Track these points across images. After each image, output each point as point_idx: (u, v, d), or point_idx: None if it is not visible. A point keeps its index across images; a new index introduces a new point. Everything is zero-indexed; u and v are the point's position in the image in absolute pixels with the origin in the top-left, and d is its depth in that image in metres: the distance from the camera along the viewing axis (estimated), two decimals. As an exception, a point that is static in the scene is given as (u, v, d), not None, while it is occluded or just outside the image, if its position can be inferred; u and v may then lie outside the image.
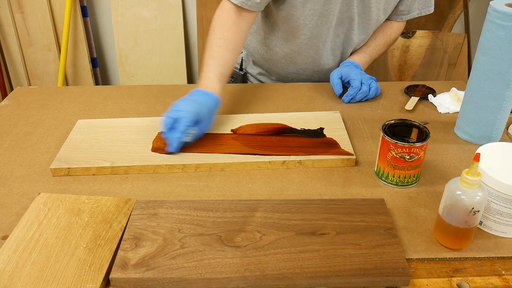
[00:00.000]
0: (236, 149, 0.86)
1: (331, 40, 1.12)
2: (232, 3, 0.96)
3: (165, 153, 0.85)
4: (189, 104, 0.85)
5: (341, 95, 1.08)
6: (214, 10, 1.01)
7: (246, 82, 1.31)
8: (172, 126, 0.83)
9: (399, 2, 1.12)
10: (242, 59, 1.27)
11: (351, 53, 1.19)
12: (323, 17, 1.05)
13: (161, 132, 0.87)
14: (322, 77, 1.22)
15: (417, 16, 1.16)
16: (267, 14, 1.12)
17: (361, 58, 1.16)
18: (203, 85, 0.91)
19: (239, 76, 1.27)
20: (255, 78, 1.29)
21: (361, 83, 1.04)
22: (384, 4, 1.08)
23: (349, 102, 1.06)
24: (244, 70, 1.28)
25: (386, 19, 1.17)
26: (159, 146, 0.86)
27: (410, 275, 0.60)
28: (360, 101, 1.07)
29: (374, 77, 1.09)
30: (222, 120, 0.96)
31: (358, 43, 1.16)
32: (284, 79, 1.24)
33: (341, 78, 1.08)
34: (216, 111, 0.91)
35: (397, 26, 1.20)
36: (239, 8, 0.97)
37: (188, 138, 0.84)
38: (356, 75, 1.05)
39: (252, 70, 1.27)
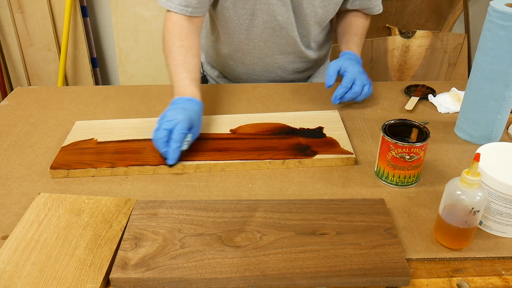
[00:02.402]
0: (235, 155, 0.85)
1: (274, 40, 1.11)
2: (177, 13, 0.98)
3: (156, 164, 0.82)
4: (178, 112, 0.83)
5: (330, 88, 1.02)
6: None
7: (207, 83, 1.33)
8: (168, 138, 0.81)
9: None
10: (201, 62, 1.28)
11: (349, 41, 1.14)
12: (255, 17, 1.06)
13: (157, 147, 0.83)
14: (276, 77, 1.21)
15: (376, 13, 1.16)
16: (210, 17, 1.15)
17: (356, 49, 1.11)
18: (181, 93, 0.90)
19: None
20: (214, 80, 1.31)
21: (353, 84, 0.99)
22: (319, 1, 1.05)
23: (339, 103, 1.01)
24: (203, 73, 1.29)
25: (354, 10, 1.16)
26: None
27: (410, 275, 0.60)
28: (350, 101, 1.02)
29: (370, 81, 1.03)
30: (222, 120, 0.96)
31: (310, 39, 1.14)
32: (238, 80, 1.25)
33: (339, 71, 1.02)
34: (201, 114, 0.90)
35: (361, 15, 1.18)
36: (187, 16, 0.98)
37: (185, 146, 0.83)
38: (352, 73, 0.99)
39: (211, 72, 1.29)
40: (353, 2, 1.13)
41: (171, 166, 0.82)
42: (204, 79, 1.30)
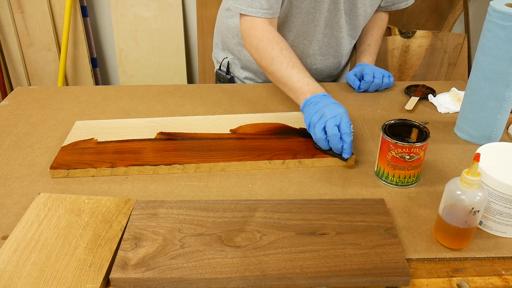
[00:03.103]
0: (236, 155, 0.85)
1: (319, 39, 1.12)
2: (260, 17, 0.97)
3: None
4: (336, 107, 0.84)
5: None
6: (214, 10, 1.01)
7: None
8: (340, 134, 0.81)
9: None
10: (228, 63, 1.27)
11: (358, 55, 1.20)
12: (310, 15, 1.06)
13: (332, 145, 0.82)
14: None
15: (403, 7, 1.20)
16: None
17: (369, 59, 1.18)
18: (313, 91, 0.90)
19: (225, 80, 1.27)
20: (242, 81, 1.29)
21: (374, 77, 1.09)
22: None
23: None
24: (231, 74, 1.28)
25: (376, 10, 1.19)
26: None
27: (410, 275, 0.60)
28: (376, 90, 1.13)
29: (389, 72, 1.14)
30: (222, 120, 0.96)
31: (349, 41, 1.17)
32: (268, 81, 1.24)
33: (355, 75, 1.12)
34: None
35: (385, 16, 1.25)
36: (268, 19, 0.98)
37: (352, 136, 0.83)
38: (369, 70, 1.10)
39: (239, 74, 1.27)
40: None
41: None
42: (230, 81, 1.28)
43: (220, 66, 1.28)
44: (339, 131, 0.81)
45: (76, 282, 0.59)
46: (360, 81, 1.11)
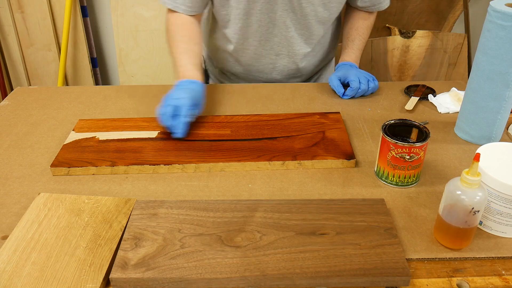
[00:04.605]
0: (235, 156, 0.84)
1: (269, 39, 1.11)
2: (182, 13, 1.05)
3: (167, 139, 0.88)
4: (183, 91, 0.91)
5: (329, 88, 1.11)
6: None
7: (208, 80, 1.34)
8: (174, 113, 0.87)
9: None
10: (203, 58, 1.29)
11: (342, 52, 1.18)
12: (249, 16, 1.06)
13: (162, 122, 0.89)
14: (271, 79, 1.21)
15: (384, 8, 1.17)
16: (212, 15, 1.15)
17: (352, 56, 1.16)
18: (185, 76, 0.97)
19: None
20: (215, 77, 1.31)
21: (360, 83, 1.06)
22: None
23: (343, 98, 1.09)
24: (205, 67, 1.31)
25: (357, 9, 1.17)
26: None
27: (410, 275, 0.60)
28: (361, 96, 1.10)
29: (372, 75, 1.10)
30: (222, 120, 0.96)
31: (303, 41, 1.13)
32: (237, 79, 1.25)
33: (339, 79, 1.09)
34: (205, 93, 0.97)
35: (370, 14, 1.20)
36: (189, 16, 1.06)
37: (191, 119, 0.90)
38: (354, 75, 1.07)
39: (211, 68, 1.31)
40: None
41: (180, 139, 0.88)
42: (205, 74, 1.31)
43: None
44: (175, 112, 0.87)
45: (76, 282, 0.59)
46: (344, 86, 1.09)
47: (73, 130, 0.92)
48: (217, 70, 1.29)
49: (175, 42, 1.03)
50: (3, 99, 1.34)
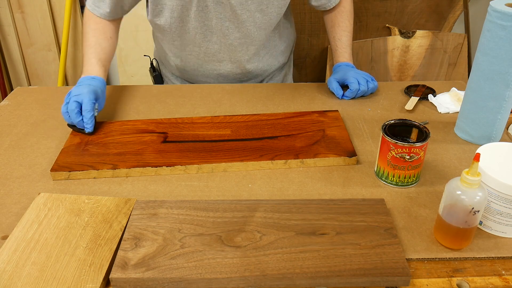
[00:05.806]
0: (237, 156, 0.84)
1: (208, 46, 1.10)
2: (99, 16, 1.07)
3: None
4: (83, 88, 0.93)
5: (329, 88, 1.10)
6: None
7: (162, 81, 1.33)
8: (78, 109, 0.90)
9: None
10: (153, 62, 1.30)
11: (333, 54, 1.17)
12: (185, 23, 1.05)
13: (71, 119, 0.91)
14: (217, 82, 1.20)
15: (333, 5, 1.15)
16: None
17: (345, 56, 1.15)
18: (87, 72, 1.00)
19: (153, 77, 1.31)
20: (169, 80, 1.30)
21: (359, 84, 1.05)
22: (257, 4, 1.02)
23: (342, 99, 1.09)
24: (157, 72, 1.31)
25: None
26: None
27: (410, 275, 0.60)
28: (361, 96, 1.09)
29: (370, 75, 1.10)
30: (222, 120, 0.96)
31: (245, 48, 1.11)
32: (189, 81, 1.25)
33: (338, 81, 1.09)
34: (105, 90, 1.00)
35: (344, 4, 1.17)
36: (107, 20, 1.08)
37: (96, 113, 0.93)
38: (353, 77, 1.06)
39: (165, 71, 1.30)
40: None
41: (90, 134, 0.91)
42: (159, 77, 1.31)
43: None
44: (79, 108, 0.90)
45: (76, 282, 0.59)
46: (343, 88, 1.08)
47: (70, 134, 0.92)
48: (170, 74, 1.29)
49: (86, 35, 1.05)
50: (3, 99, 1.34)
